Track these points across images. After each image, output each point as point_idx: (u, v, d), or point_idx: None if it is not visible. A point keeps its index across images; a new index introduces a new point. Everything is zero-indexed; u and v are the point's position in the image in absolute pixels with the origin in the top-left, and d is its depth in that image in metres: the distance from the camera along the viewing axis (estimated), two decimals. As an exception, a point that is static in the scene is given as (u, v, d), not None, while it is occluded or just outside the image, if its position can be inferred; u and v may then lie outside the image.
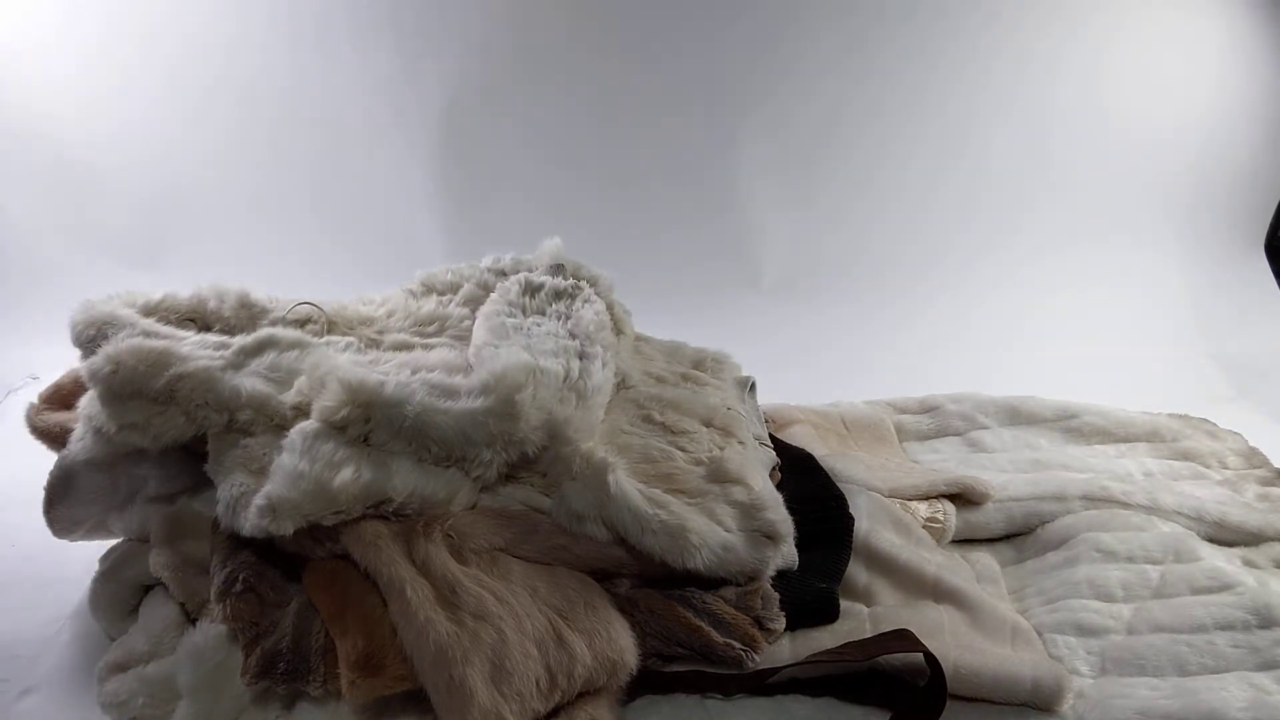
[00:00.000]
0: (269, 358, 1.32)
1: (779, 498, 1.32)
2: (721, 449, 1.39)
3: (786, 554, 1.28)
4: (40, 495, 1.42)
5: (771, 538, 1.25)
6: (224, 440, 1.24)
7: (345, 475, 1.13)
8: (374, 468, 1.17)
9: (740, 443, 1.43)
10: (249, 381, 1.27)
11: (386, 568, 1.10)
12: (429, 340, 1.56)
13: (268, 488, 1.12)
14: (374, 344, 1.54)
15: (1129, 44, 2.83)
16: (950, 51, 2.85)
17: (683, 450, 1.38)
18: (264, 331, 1.37)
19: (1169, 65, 2.85)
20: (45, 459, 1.47)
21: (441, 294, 1.69)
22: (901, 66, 2.86)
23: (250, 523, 1.11)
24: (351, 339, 1.50)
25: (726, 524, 1.24)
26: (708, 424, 1.45)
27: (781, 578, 1.28)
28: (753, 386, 1.69)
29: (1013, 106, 2.88)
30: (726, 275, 2.86)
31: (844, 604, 1.27)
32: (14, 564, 1.65)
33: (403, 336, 1.57)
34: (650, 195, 2.89)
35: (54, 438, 1.49)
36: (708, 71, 2.86)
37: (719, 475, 1.33)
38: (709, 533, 1.20)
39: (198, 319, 1.51)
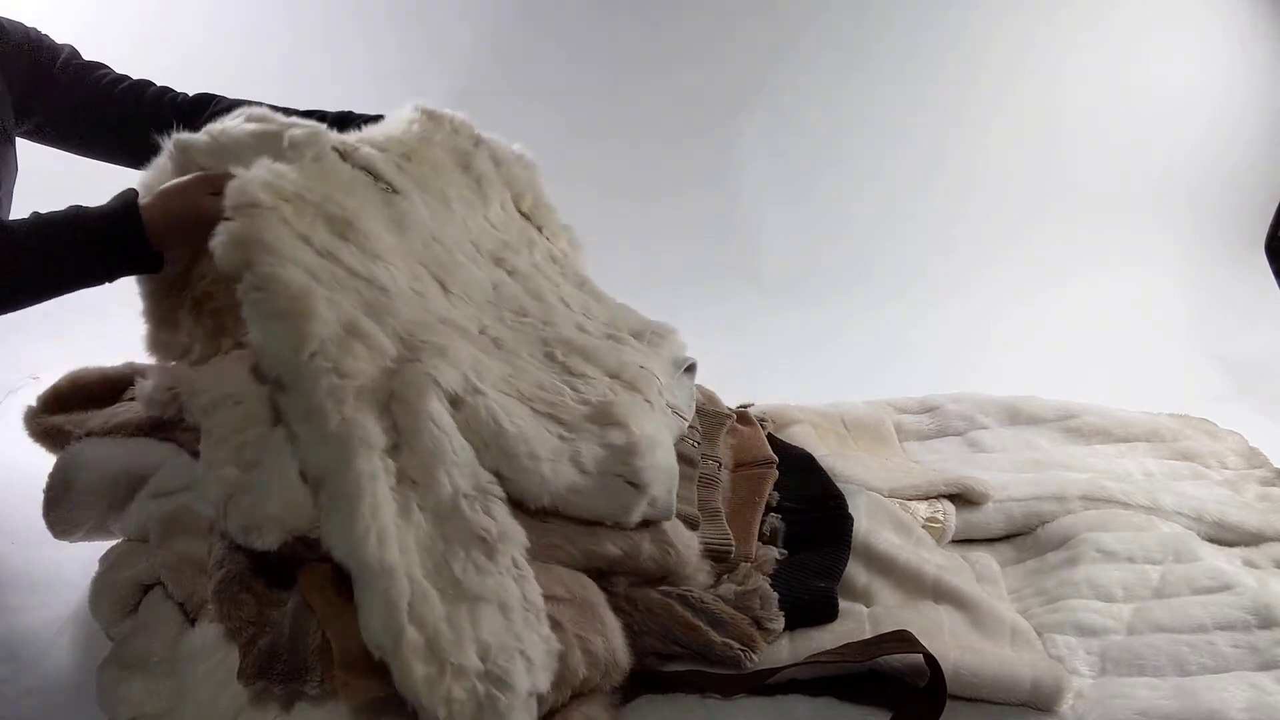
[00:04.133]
0: None
1: (663, 447, 1.25)
2: (615, 395, 1.31)
3: (660, 504, 1.22)
4: (40, 495, 1.42)
5: (636, 485, 1.19)
6: (217, 441, 1.24)
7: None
8: None
9: (646, 401, 1.33)
10: None
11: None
12: None
13: (246, 504, 1.11)
14: None
15: (1129, 44, 2.84)
16: (950, 53, 2.85)
17: (574, 390, 1.30)
18: None
19: (1169, 65, 2.85)
20: (45, 459, 1.47)
21: None
22: (901, 67, 2.87)
23: (236, 537, 1.11)
24: None
25: (585, 465, 1.18)
26: (613, 376, 1.36)
27: (780, 577, 1.28)
28: (691, 368, 1.59)
29: (1012, 107, 2.88)
30: (726, 275, 2.86)
31: (843, 604, 1.27)
32: (14, 564, 1.65)
33: None
34: (650, 196, 2.89)
35: (52, 440, 1.49)
36: (708, 73, 2.86)
37: (601, 418, 1.25)
38: (553, 476, 1.15)
39: None
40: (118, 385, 1.54)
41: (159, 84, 1.63)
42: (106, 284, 1.27)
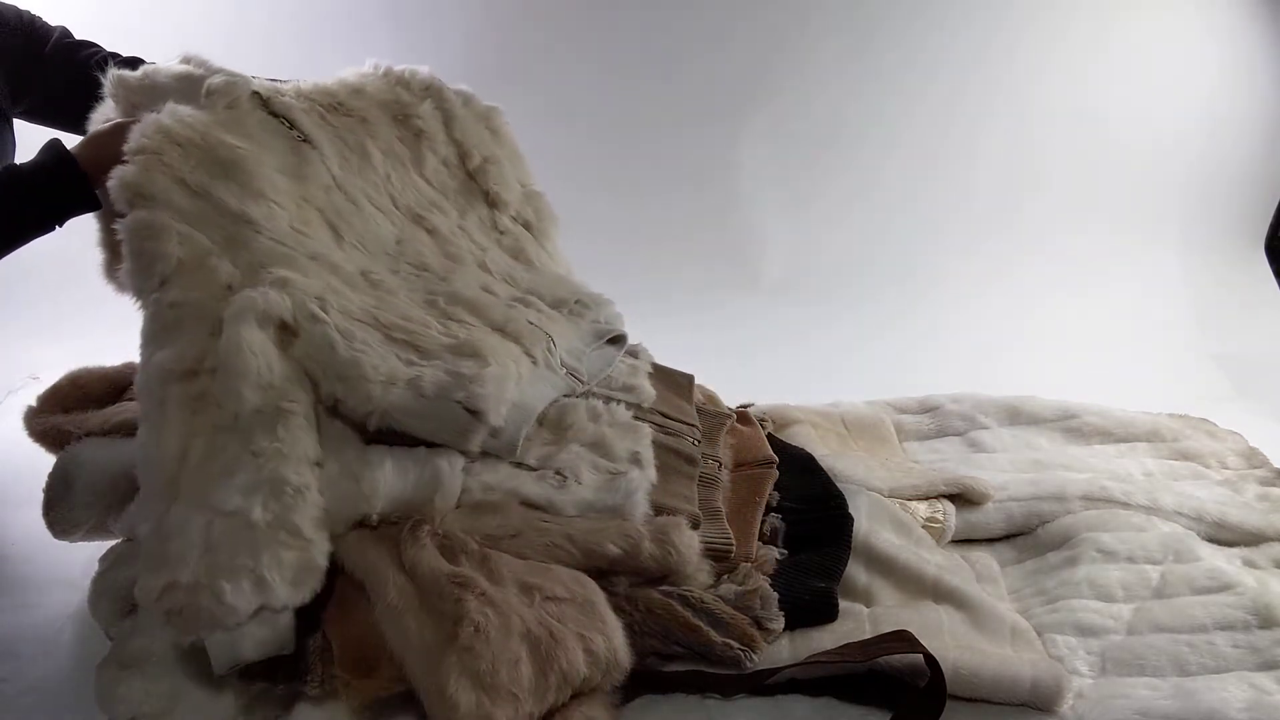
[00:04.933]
0: None
1: (524, 388, 1.29)
2: (486, 338, 1.33)
3: (504, 438, 1.24)
4: (40, 495, 1.42)
5: (474, 412, 1.20)
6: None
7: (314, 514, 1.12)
8: (345, 481, 1.16)
9: (527, 354, 1.37)
10: None
11: (371, 573, 1.10)
12: None
13: None
14: None
15: (1129, 45, 2.84)
16: (949, 54, 2.85)
17: (444, 327, 1.34)
18: None
19: (1169, 65, 2.85)
20: (45, 459, 1.47)
21: None
22: (901, 68, 2.87)
23: None
24: None
25: (425, 390, 1.20)
26: (496, 329, 1.38)
27: (780, 577, 1.28)
28: (616, 339, 1.60)
29: (1012, 107, 2.88)
30: (726, 276, 2.86)
31: (843, 604, 1.27)
32: (14, 564, 1.65)
33: None
34: (650, 197, 2.89)
35: (52, 440, 1.49)
36: (708, 74, 2.86)
37: (461, 349, 1.28)
38: (380, 395, 1.18)
39: None
40: (118, 385, 1.54)
41: (149, 61, 1.64)
42: (58, 229, 1.39)
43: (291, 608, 1.09)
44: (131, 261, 1.22)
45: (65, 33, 1.66)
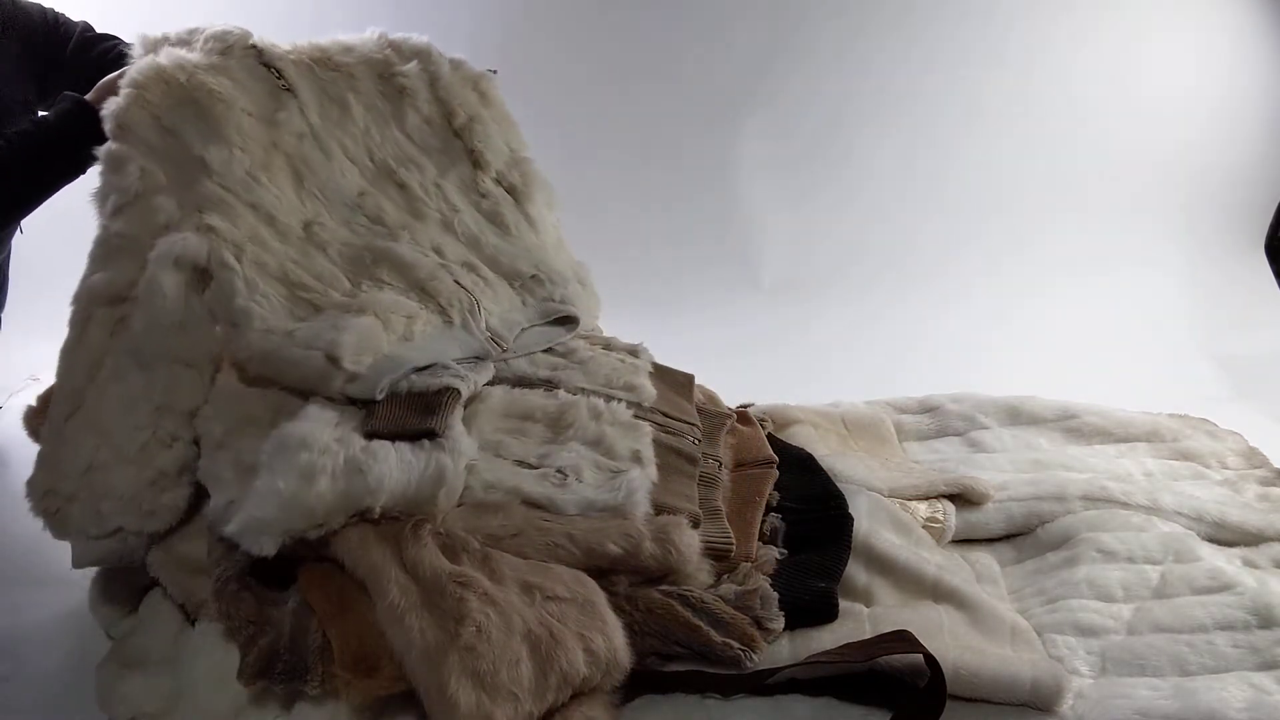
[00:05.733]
0: None
1: (401, 343, 1.38)
2: (391, 297, 1.44)
3: (361, 383, 1.31)
4: (40, 495, 1.42)
5: (332, 359, 1.30)
6: (216, 446, 1.25)
7: (321, 487, 1.12)
8: (349, 475, 1.15)
9: (441, 314, 1.47)
10: None
11: (373, 572, 1.10)
12: None
13: (243, 511, 1.12)
14: None
15: (1129, 45, 2.84)
16: (950, 53, 2.85)
17: (353, 288, 1.45)
18: None
19: (1169, 66, 2.85)
20: (45, 459, 1.47)
21: None
22: (901, 68, 2.87)
23: (235, 542, 1.12)
24: None
25: (298, 340, 1.32)
26: (417, 288, 1.49)
27: (781, 577, 1.28)
28: (564, 320, 1.64)
29: (1012, 108, 2.88)
30: (727, 276, 2.86)
31: (843, 604, 1.27)
32: (14, 563, 1.65)
33: None
34: (651, 197, 2.90)
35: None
36: (708, 73, 2.86)
37: (352, 308, 1.38)
38: (258, 341, 1.31)
39: None
40: (118, 385, 1.54)
41: None
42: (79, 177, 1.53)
43: (144, 534, 1.29)
44: (98, 188, 1.39)
45: (87, 27, 1.73)
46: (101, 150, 1.39)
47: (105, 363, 1.31)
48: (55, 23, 1.71)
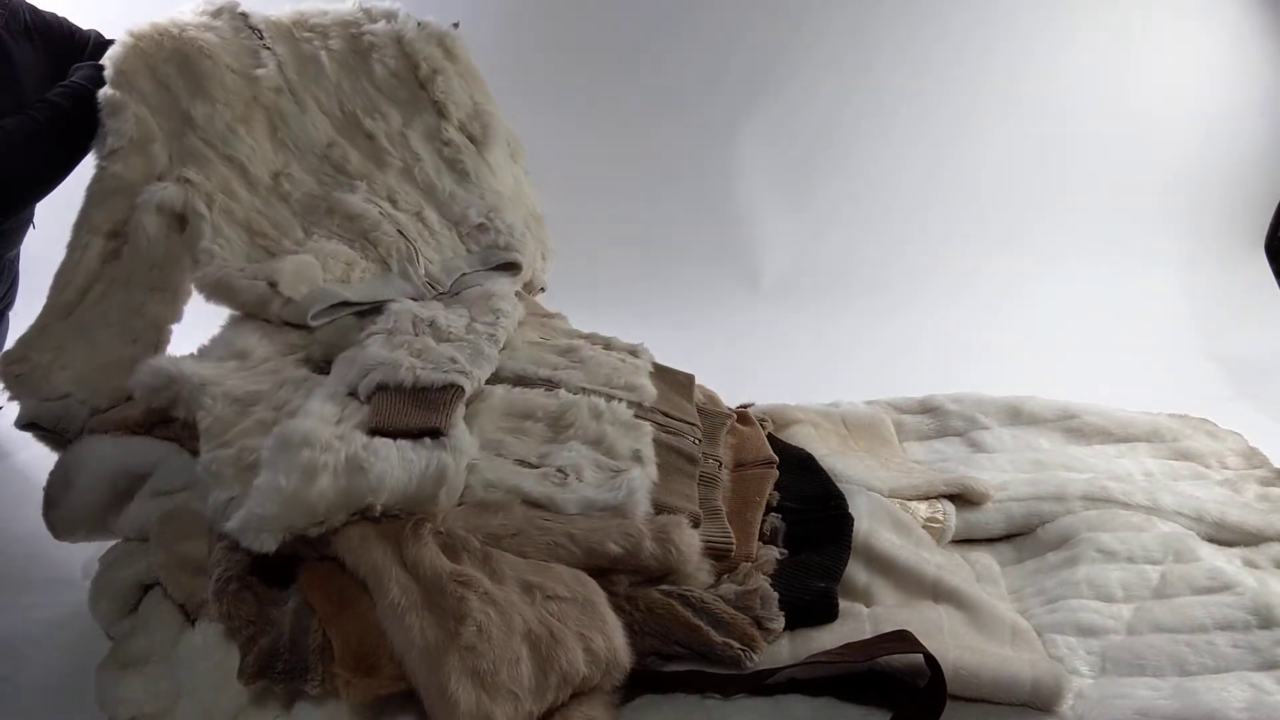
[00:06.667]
0: None
1: (347, 280, 1.61)
2: (334, 245, 1.66)
3: (295, 308, 1.52)
4: (40, 495, 1.42)
5: (272, 285, 1.52)
6: (218, 443, 1.25)
7: (322, 484, 1.13)
8: (351, 473, 1.15)
9: (381, 261, 1.67)
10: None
11: (374, 571, 1.10)
12: None
13: (245, 508, 1.12)
14: None
15: (1129, 46, 2.84)
16: (949, 54, 2.85)
17: (303, 236, 1.66)
18: None
19: (1169, 66, 2.85)
20: (46, 460, 1.47)
21: None
22: (900, 69, 2.87)
23: (235, 539, 1.12)
24: None
25: (246, 275, 1.55)
26: (361, 235, 1.70)
27: (781, 577, 1.28)
28: (506, 266, 1.76)
29: (1012, 108, 2.88)
30: (726, 277, 2.86)
31: (843, 604, 1.27)
32: (15, 563, 1.65)
33: None
34: (650, 197, 2.90)
35: (53, 440, 1.49)
36: (707, 74, 2.86)
37: (295, 254, 1.63)
38: (214, 272, 1.54)
39: None
40: (118, 385, 1.54)
41: None
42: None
43: (87, 404, 1.47)
44: (99, 131, 1.59)
45: (99, 35, 1.80)
46: (101, 94, 1.58)
47: (97, 287, 1.54)
48: (71, 31, 1.77)
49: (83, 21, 1.81)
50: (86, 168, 1.64)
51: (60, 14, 1.78)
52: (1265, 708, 1.08)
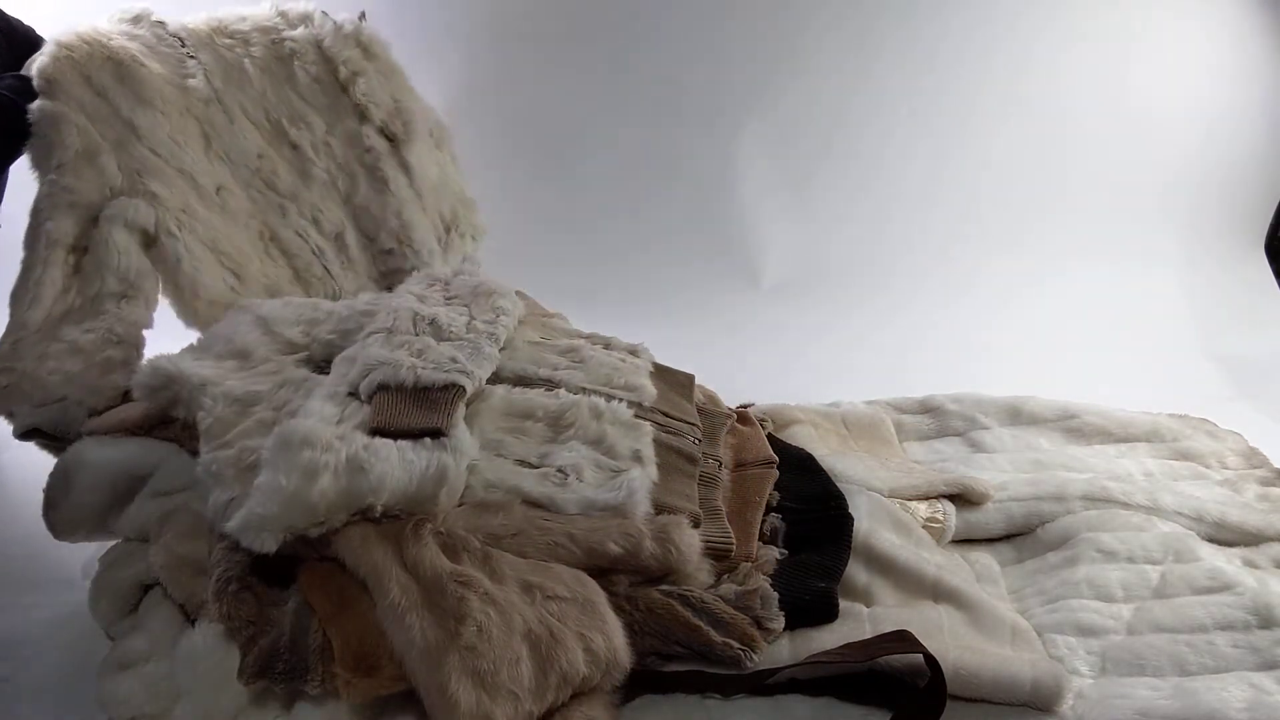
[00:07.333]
0: None
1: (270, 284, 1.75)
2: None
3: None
4: (40, 495, 1.42)
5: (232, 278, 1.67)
6: (218, 443, 1.25)
7: (323, 484, 1.13)
8: (351, 473, 1.15)
9: (311, 273, 1.79)
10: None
11: (374, 571, 1.10)
12: None
13: (245, 508, 1.12)
14: None
15: (1128, 46, 2.83)
16: (949, 54, 2.85)
17: (262, 263, 1.75)
18: None
19: (1169, 66, 2.85)
20: (46, 461, 1.47)
21: None
22: (901, 69, 2.86)
23: (235, 539, 1.12)
24: None
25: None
26: (296, 272, 1.79)
27: (781, 577, 1.28)
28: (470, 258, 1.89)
29: (1012, 108, 2.88)
30: (726, 276, 2.86)
31: (843, 604, 1.27)
32: (15, 563, 1.65)
33: None
34: (650, 197, 2.89)
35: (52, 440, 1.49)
36: (707, 73, 2.86)
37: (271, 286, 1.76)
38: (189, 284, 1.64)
39: None
40: (118, 386, 1.55)
41: None
42: None
43: (84, 405, 1.48)
44: (36, 144, 1.55)
45: None
46: (34, 107, 1.54)
47: (64, 299, 1.54)
48: (36, 39, 1.75)
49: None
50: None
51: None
52: (1265, 708, 1.08)
